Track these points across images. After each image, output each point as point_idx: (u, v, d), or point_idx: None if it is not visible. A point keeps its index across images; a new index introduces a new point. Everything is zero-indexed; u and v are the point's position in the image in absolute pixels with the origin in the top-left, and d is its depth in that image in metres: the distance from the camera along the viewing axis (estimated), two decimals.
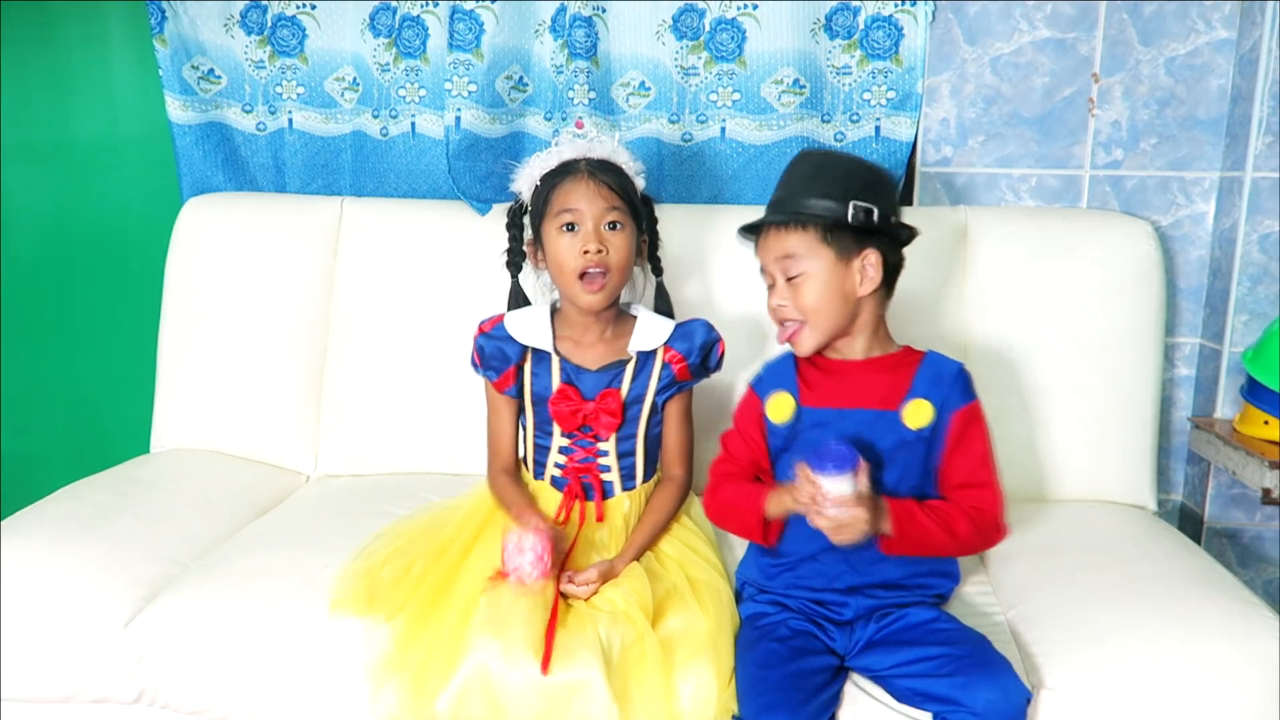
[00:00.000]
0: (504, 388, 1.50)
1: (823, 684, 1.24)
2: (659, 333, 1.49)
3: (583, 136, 1.51)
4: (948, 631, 1.26)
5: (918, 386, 1.31)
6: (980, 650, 1.22)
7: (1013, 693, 1.17)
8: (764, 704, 1.19)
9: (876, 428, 1.31)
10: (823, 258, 1.30)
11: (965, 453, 1.31)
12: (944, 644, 1.23)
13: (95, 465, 1.78)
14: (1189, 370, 1.93)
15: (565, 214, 1.42)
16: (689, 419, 1.55)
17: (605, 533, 1.45)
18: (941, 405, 1.30)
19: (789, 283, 1.32)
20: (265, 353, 1.90)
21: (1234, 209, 1.80)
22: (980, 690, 1.16)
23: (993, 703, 1.15)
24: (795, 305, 1.31)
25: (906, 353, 1.37)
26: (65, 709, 1.41)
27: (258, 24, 2.01)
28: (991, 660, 1.20)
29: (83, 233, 2.27)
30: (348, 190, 2.05)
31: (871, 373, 1.34)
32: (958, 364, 1.34)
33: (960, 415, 1.31)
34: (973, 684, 1.16)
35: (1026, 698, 1.18)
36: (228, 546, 1.56)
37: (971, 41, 1.88)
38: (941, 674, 1.19)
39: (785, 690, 1.20)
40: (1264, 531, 1.87)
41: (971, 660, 1.20)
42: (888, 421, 1.30)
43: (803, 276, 1.30)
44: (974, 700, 1.15)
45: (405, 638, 1.29)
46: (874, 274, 1.31)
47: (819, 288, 1.30)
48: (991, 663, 1.20)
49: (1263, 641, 1.26)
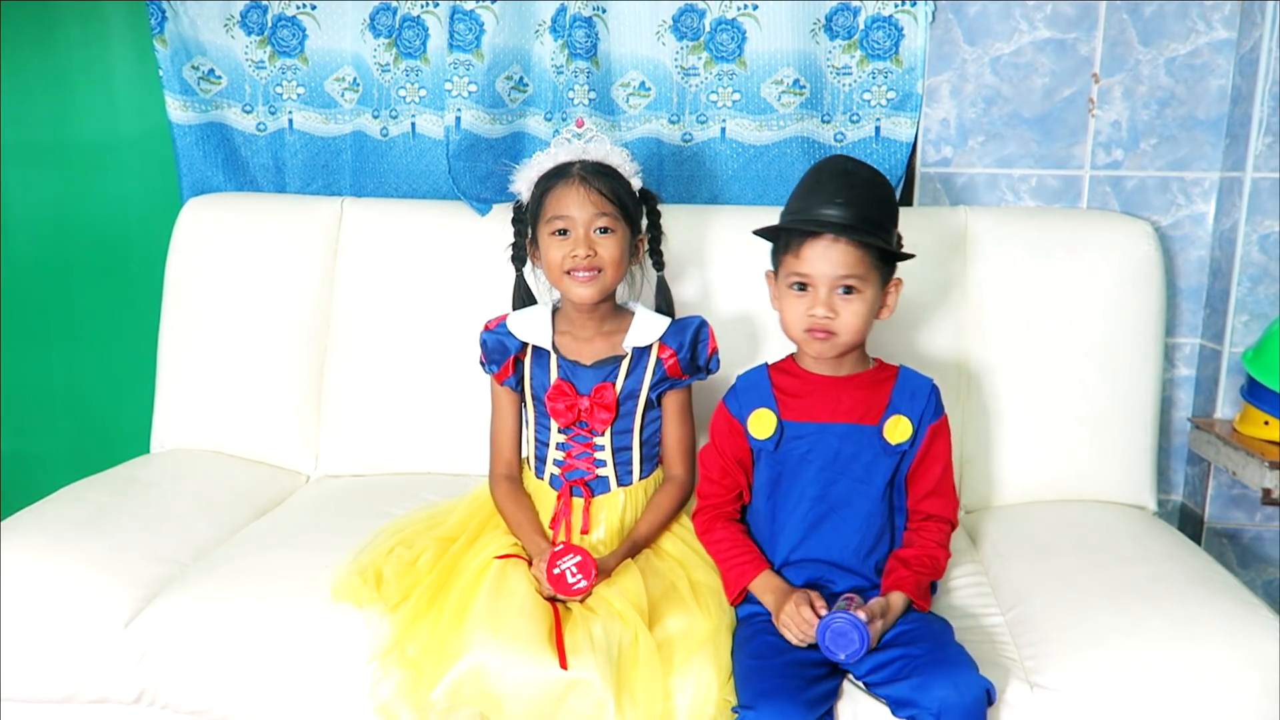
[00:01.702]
0: (503, 378, 1.52)
1: (819, 676, 1.25)
2: (654, 329, 1.50)
3: (581, 136, 1.51)
4: (909, 632, 1.27)
5: (897, 403, 1.38)
6: (937, 647, 1.23)
7: (966, 687, 1.17)
8: (762, 689, 1.21)
9: (856, 441, 1.36)
10: (873, 282, 1.33)
11: (933, 463, 1.39)
12: (904, 645, 1.24)
13: (95, 465, 1.78)
14: (1189, 370, 1.93)
15: (556, 220, 1.44)
16: (689, 417, 1.55)
17: (602, 530, 1.46)
18: (919, 420, 1.37)
19: (843, 297, 1.32)
20: (265, 353, 1.90)
21: (1234, 209, 1.80)
22: (934, 689, 1.17)
23: (946, 700, 1.16)
24: (839, 320, 1.32)
25: (880, 368, 1.42)
26: (65, 709, 1.41)
27: (258, 24, 2.01)
28: (947, 657, 1.21)
29: (83, 233, 2.27)
30: (348, 190, 2.05)
31: (850, 388, 1.39)
32: (930, 380, 1.41)
33: (932, 429, 1.38)
34: (926, 684, 1.18)
35: (984, 688, 1.18)
36: (228, 546, 1.56)
37: (971, 42, 1.88)
38: (903, 676, 1.20)
39: (783, 677, 1.22)
40: (1264, 532, 1.87)
41: (925, 659, 1.21)
42: (868, 436, 1.37)
43: (855, 295, 1.32)
44: (930, 700, 1.16)
45: (405, 629, 1.30)
46: (893, 302, 1.38)
47: (864, 310, 1.33)
48: (946, 659, 1.21)
49: (1263, 642, 1.26)
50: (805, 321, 1.33)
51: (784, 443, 1.38)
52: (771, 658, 1.26)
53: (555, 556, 1.31)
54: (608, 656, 1.21)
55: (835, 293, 1.32)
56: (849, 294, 1.32)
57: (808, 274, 1.32)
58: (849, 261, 1.30)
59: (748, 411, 1.40)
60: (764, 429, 1.38)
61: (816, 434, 1.37)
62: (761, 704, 1.19)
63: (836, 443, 1.36)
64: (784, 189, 1.92)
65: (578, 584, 1.30)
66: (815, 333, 1.33)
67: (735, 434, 1.41)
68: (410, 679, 1.25)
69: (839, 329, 1.32)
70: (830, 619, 1.23)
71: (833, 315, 1.32)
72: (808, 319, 1.33)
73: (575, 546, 1.34)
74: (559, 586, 1.30)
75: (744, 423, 1.40)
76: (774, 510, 1.40)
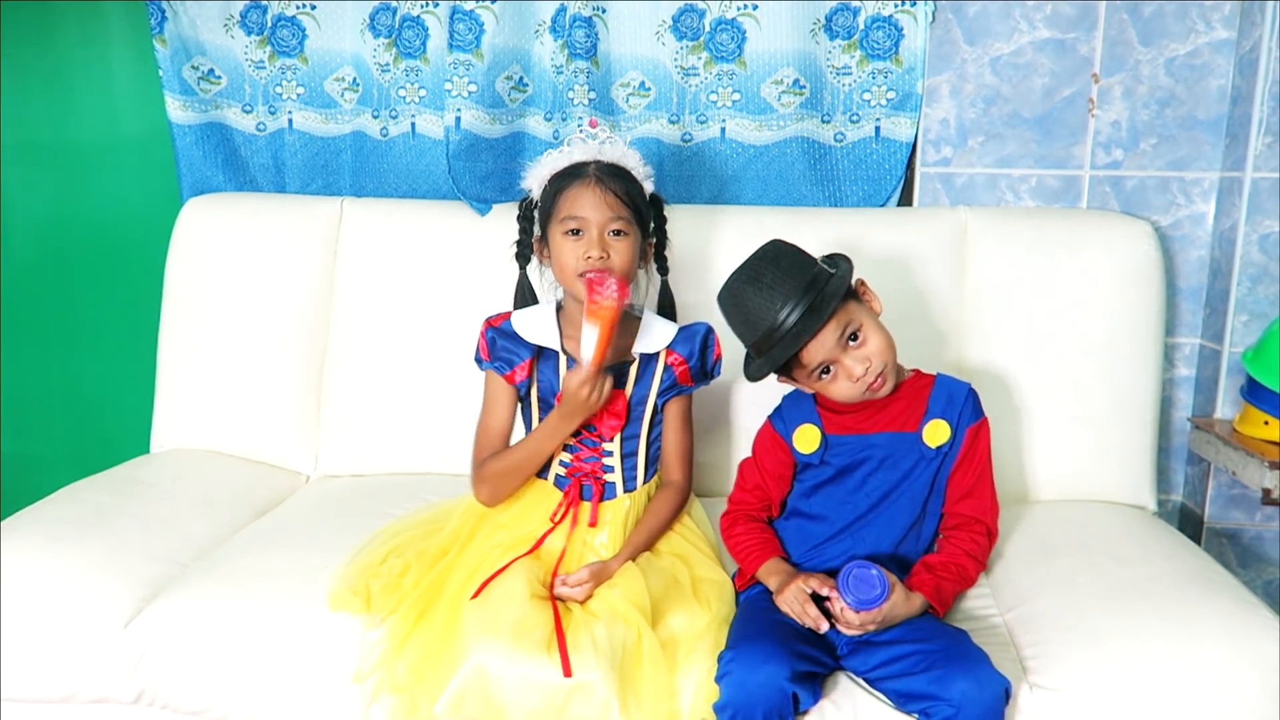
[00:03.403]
0: (515, 380, 1.50)
1: (810, 642, 1.27)
2: (662, 335, 1.50)
3: (594, 137, 1.50)
4: (924, 628, 1.28)
5: (934, 408, 1.40)
6: (955, 643, 1.24)
7: (987, 683, 1.18)
8: (747, 634, 1.25)
9: (898, 448, 1.39)
10: (862, 309, 1.36)
11: (971, 465, 1.41)
12: (920, 640, 1.25)
13: (95, 465, 1.78)
14: (1189, 370, 1.93)
15: (571, 220, 1.44)
16: (689, 423, 1.55)
17: (605, 535, 1.46)
18: (956, 423, 1.40)
19: (855, 344, 1.34)
20: (265, 353, 1.90)
21: (1234, 209, 1.80)
22: (955, 681, 1.17)
23: (968, 693, 1.16)
24: (873, 358, 1.33)
25: (918, 376, 1.44)
26: (65, 709, 1.41)
27: (258, 24, 2.01)
28: (966, 653, 1.22)
29: (83, 233, 2.27)
30: (348, 190, 2.05)
31: (889, 399, 1.40)
32: (967, 385, 1.44)
33: (971, 430, 1.41)
34: (948, 676, 1.18)
35: (1004, 687, 1.19)
36: (228, 546, 1.56)
37: (971, 42, 1.88)
38: (918, 670, 1.21)
39: (770, 628, 1.26)
40: (1264, 532, 1.87)
41: (946, 654, 1.21)
42: (909, 442, 1.39)
43: (862, 328, 1.34)
44: (950, 692, 1.17)
45: (400, 638, 1.30)
46: (872, 297, 1.40)
47: (874, 327, 1.35)
48: (966, 655, 1.21)
49: (1263, 642, 1.26)
50: (858, 388, 1.34)
51: (828, 455, 1.41)
52: (761, 619, 1.29)
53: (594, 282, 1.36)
54: (611, 659, 1.21)
55: (854, 344, 1.34)
56: (858, 337, 1.34)
57: (823, 360, 1.34)
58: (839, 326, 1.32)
59: (793, 428, 1.43)
60: (809, 444, 1.42)
61: (859, 443, 1.40)
62: (743, 645, 1.22)
63: (878, 450, 1.39)
64: (784, 189, 1.93)
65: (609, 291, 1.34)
66: (873, 386, 1.34)
67: (779, 449, 1.44)
68: (404, 703, 1.24)
69: (877, 362, 1.33)
70: (854, 565, 1.25)
71: (866, 361, 1.33)
72: (863, 379, 1.33)
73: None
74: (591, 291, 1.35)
75: (789, 439, 1.43)
76: (814, 510, 1.42)
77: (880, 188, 1.93)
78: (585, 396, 1.40)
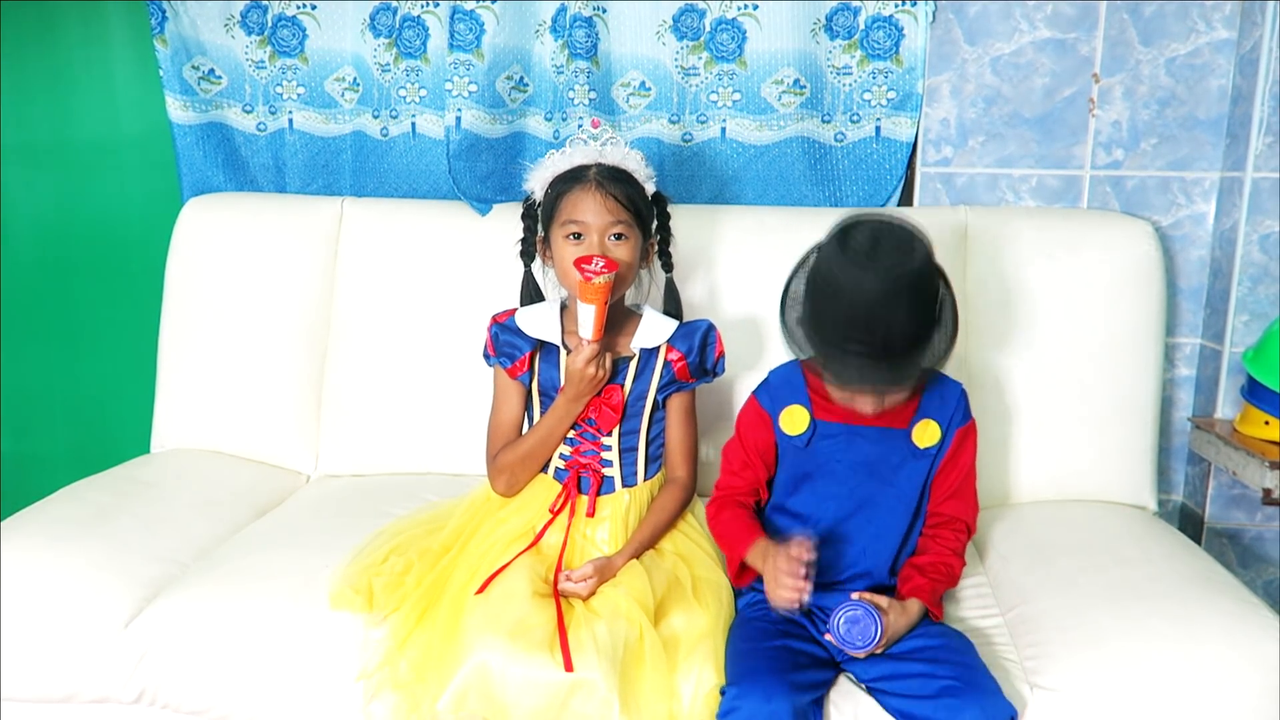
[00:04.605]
0: (517, 374, 1.51)
1: (810, 664, 1.25)
2: (662, 331, 1.50)
3: (596, 138, 1.50)
4: (932, 649, 1.26)
5: (926, 407, 1.37)
6: (965, 670, 1.22)
7: (995, 713, 1.17)
8: (750, 668, 1.22)
9: (886, 444, 1.37)
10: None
11: (957, 466, 1.40)
12: (929, 662, 1.24)
13: (95, 465, 1.78)
14: (1189, 370, 1.93)
15: (571, 224, 1.44)
16: (692, 420, 1.55)
17: (606, 530, 1.46)
18: (947, 425, 1.38)
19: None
20: (265, 353, 1.90)
21: (1234, 209, 1.80)
22: (964, 713, 1.16)
23: None
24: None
25: None
26: (65, 709, 1.41)
27: (258, 24, 2.01)
28: (977, 682, 1.21)
29: (83, 233, 2.27)
30: (348, 190, 2.05)
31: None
32: (959, 385, 1.42)
33: (960, 432, 1.39)
34: (956, 708, 1.17)
35: (1010, 716, 1.19)
36: (228, 546, 1.56)
37: (972, 42, 1.88)
38: (927, 695, 1.20)
39: (771, 659, 1.23)
40: (1264, 532, 1.87)
41: (957, 682, 1.20)
42: (898, 439, 1.37)
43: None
44: None
45: (402, 636, 1.30)
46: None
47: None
48: (976, 684, 1.20)
49: (1263, 642, 1.26)
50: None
51: (815, 440, 1.38)
52: (762, 641, 1.27)
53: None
54: (611, 657, 1.21)
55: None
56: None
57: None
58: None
59: (780, 406, 1.39)
60: (797, 425, 1.38)
61: (847, 435, 1.37)
62: (746, 681, 1.20)
63: (866, 444, 1.37)
64: (784, 189, 1.93)
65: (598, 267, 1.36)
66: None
67: (763, 426, 1.40)
68: (405, 700, 1.24)
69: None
70: (844, 606, 1.23)
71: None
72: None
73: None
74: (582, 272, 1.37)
75: (775, 417, 1.39)
76: (800, 507, 1.40)
77: (881, 188, 1.93)
78: (591, 374, 1.41)
